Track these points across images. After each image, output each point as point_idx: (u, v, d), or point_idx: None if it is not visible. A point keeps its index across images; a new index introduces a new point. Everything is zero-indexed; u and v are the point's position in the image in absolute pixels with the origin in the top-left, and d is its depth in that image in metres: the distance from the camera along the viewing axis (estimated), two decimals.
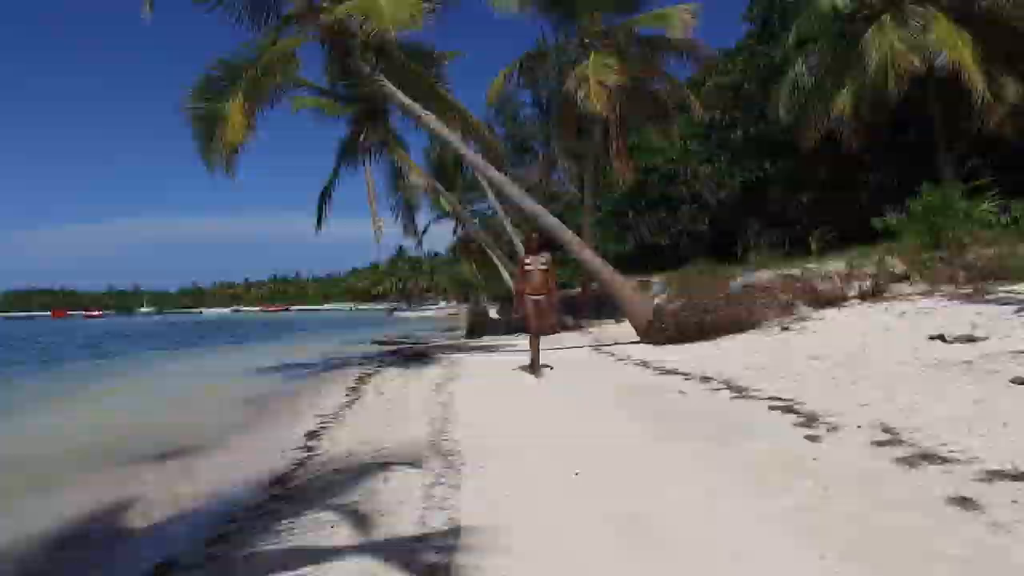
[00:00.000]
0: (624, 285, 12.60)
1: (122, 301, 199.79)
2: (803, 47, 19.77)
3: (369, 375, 12.62)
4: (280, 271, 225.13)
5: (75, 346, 32.00)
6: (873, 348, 7.41)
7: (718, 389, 6.79)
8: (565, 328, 18.21)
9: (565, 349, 12.99)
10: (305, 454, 6.19)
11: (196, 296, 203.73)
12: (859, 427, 4.60)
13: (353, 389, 10.51)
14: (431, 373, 11.16)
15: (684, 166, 24.89)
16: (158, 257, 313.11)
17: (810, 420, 4.96)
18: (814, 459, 3.97)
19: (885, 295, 11.05)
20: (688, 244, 25.38)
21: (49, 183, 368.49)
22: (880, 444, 4.15)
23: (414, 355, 14.84)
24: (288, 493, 4.85)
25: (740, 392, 6.46)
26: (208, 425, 8.66)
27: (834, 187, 20.84)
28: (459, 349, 16.20)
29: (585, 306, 18.81)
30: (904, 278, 11.44)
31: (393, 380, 11.05)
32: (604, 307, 18.74)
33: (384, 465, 5.09)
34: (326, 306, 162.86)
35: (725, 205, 24.22)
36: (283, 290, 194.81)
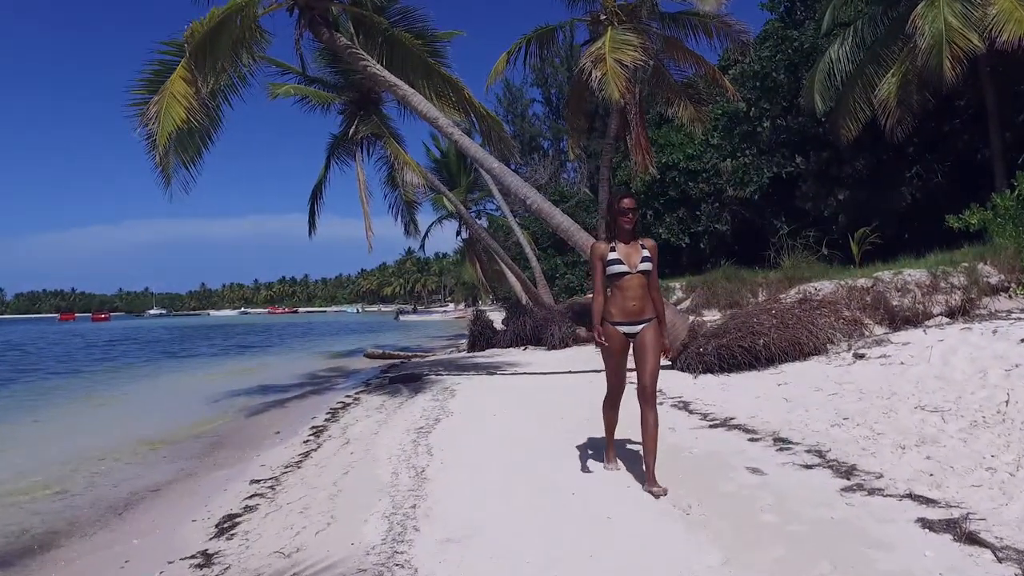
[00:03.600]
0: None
1: (132, 303, 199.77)
2: (836, 32, 17.71)
3: (346, 406, 10.64)
4: (289, 272, 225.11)
5: (52, 359, 30.11)
6: (1018, 396, 5.23)
7: (809, 466, 4.63)
8: (577, 342, 16.16)
9: (578, 374, 10.89)
10: (195, 574, 4.11)
11: (205, 298, 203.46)
12: None
13: (317, 432, 8.44)
14: (415, 408, 9.08)
15: (706, 162, 22.68)
16: (169, 259, 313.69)
17: None
18: None
19: (979, 312, 8.87)
20: (710, 245, 23.21)
21: (62, 186, 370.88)
22: None
23: (403, 377, 12.78)
24: None
25: (848, 476, 4.30)
26: (97, 497, 6.49)
27: (874, 183, 18.66)
28: (457, 367, 14.15)
29: None
30: (1001, 290, 9.26)
31: (369, 417, 8.99)
32: None
33: None
34: (333, 308, 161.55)
35: (751, 203, 22.00)
36: (292, 292, 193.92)
